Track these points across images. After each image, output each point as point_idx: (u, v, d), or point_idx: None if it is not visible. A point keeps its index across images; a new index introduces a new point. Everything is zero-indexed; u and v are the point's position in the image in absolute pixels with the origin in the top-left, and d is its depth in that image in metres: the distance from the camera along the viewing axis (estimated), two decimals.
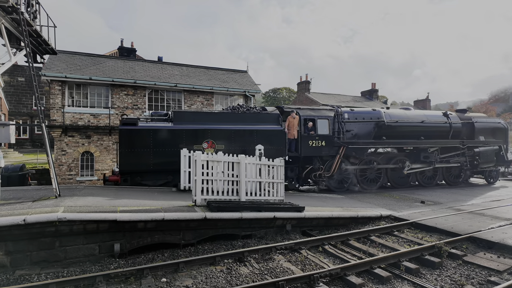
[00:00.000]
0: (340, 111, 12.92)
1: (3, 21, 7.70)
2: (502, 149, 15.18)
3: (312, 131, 12.23)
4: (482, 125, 15.21)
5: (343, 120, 12.78)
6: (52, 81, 15.48)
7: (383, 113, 13.38)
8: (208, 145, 10.94)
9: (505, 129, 15.67)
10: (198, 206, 7.54)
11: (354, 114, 13.22)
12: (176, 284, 5.03)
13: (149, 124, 10.81)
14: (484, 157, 14.42)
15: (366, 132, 13.10)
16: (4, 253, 5.51)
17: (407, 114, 14.07)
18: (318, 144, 12.27)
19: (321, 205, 9.14)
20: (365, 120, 13.16)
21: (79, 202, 6.84)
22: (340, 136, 12.50)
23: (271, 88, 54.45)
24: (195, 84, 18.86)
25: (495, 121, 16.05)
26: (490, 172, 15.45)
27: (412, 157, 13.78)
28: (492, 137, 15.27)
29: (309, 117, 12.37)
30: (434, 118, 14.44)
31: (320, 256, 6.24)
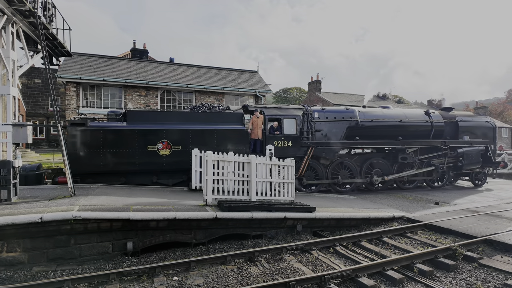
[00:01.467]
0: (309, 110, 12.25)
1: (21, 25, 7.93)
2: (489, 150, 14.26)
3: (278, 131, 11.68)
4: (467, 124, 14.33)
5: (313, 119, 12.11)
6: (67, 83, 15.86)
7: (357, 112, 12.76)
8: (163, 146, 10.43)
9: (492, 128, 14.73)
10: (209, 205, 7.59)
11: (325, 113, 12.55)
12: (188, 283, 5.08)
13: (99, 124, 10.34)
14: (468, 158, 13.55)
15: (337, 132, 12.42)
16: (22, 250, 5.68)
17: (384, 113, 13.36)
18: (284, 145, 11.64)
19: (332, 205, 9.07)
20: (336, 119, 12.47)
21: (93, 201, 6.99)
22: (309, 136, 11.87)
23: (282, 88, 54.38)
24: (206, 85, 19.01)
25: (482, 119, 14.97)
26: (476, 174, 14.53)
27: (391, 158, 13.18)
28: (479, 137, 14.40)
29: (274, 116, 11.77)
30: (414, 117, 13.63)
31: (331, 257, 6.20)
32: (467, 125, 14.32)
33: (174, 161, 10.50)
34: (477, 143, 14.12)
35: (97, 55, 18.94)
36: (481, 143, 14.16)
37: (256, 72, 23.23)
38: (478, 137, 14.40)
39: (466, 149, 13.65)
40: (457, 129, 14.12)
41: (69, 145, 9.60)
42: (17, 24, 7.79)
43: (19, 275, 5.46)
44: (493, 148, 14.44)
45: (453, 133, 14.20)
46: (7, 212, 5.92)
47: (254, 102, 20.11)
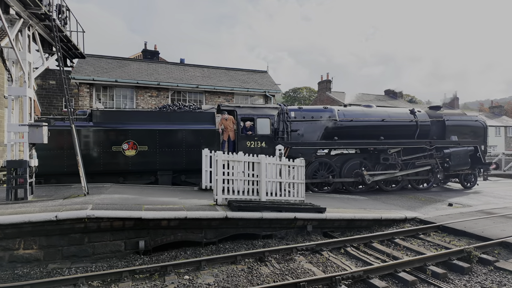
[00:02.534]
0: (285, 109, 11.91)
1: (36, 28, 8.14)
2: (479, 150, 13.48)
3: (251, 131, 11.40)
4: (454, 123, 13.66)
5: (289, 119, 11.76)
6: (81, 84, 16.19)
7: (336, 111, 12.33)
8: (129, 146, 10.29)
9: (483, 127, 14.02)
10: (219, 205, 7.64)
11: (302, 112, 12.17)
12: (198, 281, 5.12)
13: (62, 124, 10.14)
14: (455, 159, 12.86)
15: (315, 132, 12.05)
16: (38, 247, 5.83)
17: (366, 112, 12.89)
18: (257, 145, 11.34)
19: (343, 206, 9.00)
20: (314, 119, 12.08)
21: (106, 200, 7.11)
22: (284, 137, 11.52)
23: (291, 88, 54.19)
24: (216, 85, 19.11)
25: (471, 118, 14.29)
26: (466, 176, 13.77)
27: (373, 159, 12.69)
28: (468, 136, 13.72)
29: (247, 116, 11.46)
30: (397, 116, 13.10)
31: (342, 258, 6.15)
32: (455, 124, 13.66)
33: (141, 162, 10.33)
34: (465, 143, 13.40)
35: (109, 56, 19.27)
36: (469, 143, 13.46)
37: (265, 72, 23.23)
38: (467, 137, 13.73)
39: (453, 150, 13.00)
40: (444, 129, 13.49)
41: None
42: (33, 27, 8.00)
43: (35, 271, 5.60)
44: (483, 148, 13.73)
45: (440, 132, 13.57)
46: (24, 210, 6.09)
47: (264, 102, 20.12)
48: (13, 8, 6.97)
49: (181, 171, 11.09)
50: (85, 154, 9.74)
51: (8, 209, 6.19)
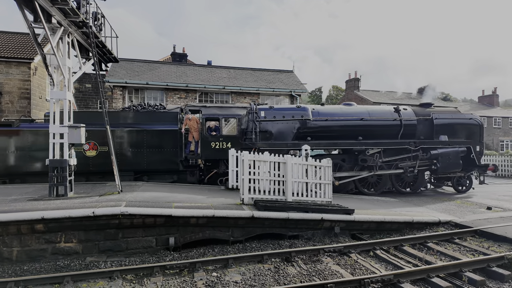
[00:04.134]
0: (255, 108, 11.38)
1: (75, 35, 8.66)
2: (472, 151, 12.32)
3: (216, 132, 11.12)
4: (444, 121, 12.53)
5: (259, 119, 11.27)
6: (114, 87, 17.00)
7: (310, 111, 11.71)
8: (90, 147, 10.29)
9: (478, 126, 12.79)
10: (245, 204, 7.72)
11: (273, 112, 11.60)
12: (226, 279, 5.22)
13: (26, 125, 10.34)
14: (444, 160, 11.81)
15: (286, 132, 11.52)
16: (77, 241, 6.21)
17: (344, 111, 12.14)
18: (222, 146, 11.03)
19: (372, 208, 8.77)
20: (285, 118, 11.49)
21: (139, 198, 7.42)
22: (252, 137, 11.06)
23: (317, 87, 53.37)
24: (242, 86, 19.29)
25: (465, 117, 13.07)
26: (459, 179, 12.64)
27: (352, 160, 11.90)
28: (461, 136, 12.57)
29: (211, 116, 11.15)
30: (379, 115, 12.21)
31: (371, 261, 6.00)
32: (445, 123, 12.52)
33: (101, 163, 10.22)
34: (456, 143, 12.24)
35: (140, 60, 20.06)
36: (461, 143, 12.30)
37: (291, 71, 23.11)
38: (459, 136, 12.57)
39: (441, 151, 11.93)
40: (432, 128, 12.41)
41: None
42: (72, 34, 8.52)
43: (75, 263, 5.97)
44: (478, 149, 12.53)
45: (428, 132, 12.51)
46: (64, 206, 6.51)
47: (290, 102, 20.03)
48: (55, 17, 7.48)
49: (143, 171, 11.02)
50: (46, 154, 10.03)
51: (50, 204, 6.65)
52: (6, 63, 16.56)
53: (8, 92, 16.59)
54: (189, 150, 11.11)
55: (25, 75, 16.79)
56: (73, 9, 7.64)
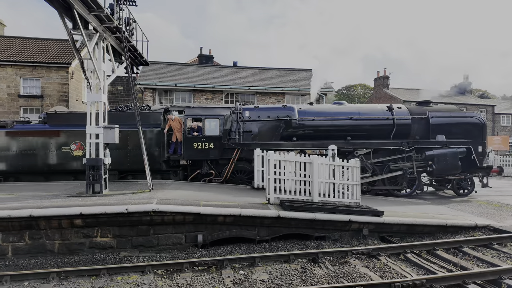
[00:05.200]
0: (239, 108, 11.28)
1: (109, 40, 9.11)
2: (473, 152, 11.45)
3: (198, 132, 10.99)
4: (441, 120, 11.73)
5: (243, 119, 11.11)
6: (145, 89, 17.67)
7: (295, 110, 11.38)
8: (77, 147, 10.52)
9: (480, 125, 11.86)
10: (271, 204, 7.75)
11: (258, 112, 11.40)
12: (253, 277, 5.28)
13: (17, 126, 10.79)
14: (441, 162, 11.11)
15: (271, 133, 11.30)
16: (112, 236, 6.54)
17: (333, 110, 11.74)
18: (205, 147, 10.87)
19: (402, 210, 8.50)
20: (270, 118, 11.27)
21: (169, 196, 7.68)
22: (235, 138, 10.94)
23: (344, 86, 52.26)
24: (267, 86, 19.35)
25: (465, 115, 12.29)
26: (459, 181, 11.84)
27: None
28: (461, 136, 11.71)
29: (194, 117, 11.07)
30: (369, 114, 11.70)
31: (401, 265, 5.83)
32: (442, 122, 11.74)
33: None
34: (455, 144, 11.46)
35: (169, 62, 20.70)
36: (459, 144, 11.49)
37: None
38: (459, 136, 11.72)
39: (437, 151, 11.24)
40: (428, 127, 11.69)
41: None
42: (106, 40, 8.97)
43: (110, 257, 6.30)
44: (480, 149, 11.63)
45: (424, 131, 11.80)
46: (100, 202, 6.87)
47: (315, 101, 19.81)
48: (91, 24, 7.91)
49: (127, 171, 11.21)
50: (36, 154, 10.46)
51: (88, 201, 7.05)
52: (47, 68, 17.73)
53: (49, 95, 17.75)
54: (172, 151, 11.21)
55: (63, 79, 17.89)
56: (108, 16, 8.05)
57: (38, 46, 19.38)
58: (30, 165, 10.56)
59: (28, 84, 17.79)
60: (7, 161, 10.52)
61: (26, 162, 10.53)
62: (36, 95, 17.66)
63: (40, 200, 7.15)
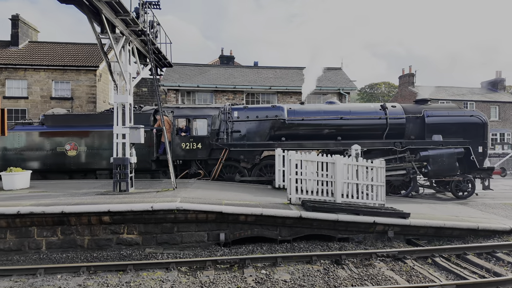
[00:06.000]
0: (228, 109, 11.27)
1: (135, 43, 9.39)
2: (471, 152, 10.91)
3: (186, 133, 11.05)
4: (438, 120, 11.25)
5: (232, 119, 11.10)
6: (168, 90, 18.07)
7: (285, 110, 11.27)
8: (71, 147, 10.83)
9: (479, 124, 11.23)
10: (293, 204, 7.71)
11: (247, 112, 11.39)
12: (275, 277, 5.27)
13: (18, 127, 11.19)
14: (436, 162, 10.66)
15: (260, 132, 11.25)
16: (138, 233, 6.74)
17: (323, 110, 11.50)
18: (193, 147, 10.97)
19: (430, 212, 8.19)
20: (259, 118, 11.22)
21: (192, 194, 7.82)
22: (223, 138, 10.98)
23: (368, 84, 51.02)
24: (288, 85, 19.24)
25: (464, 114, 11.62)
26: (458, 183, 11.17)
27: None
28: (459, 135, 11.18)
29: (182, 117, 11.19)
30: (360, 114, 11.41)
31: (429, 269, 5.62)
32: (439, 121, 11.27)
33: (81, 162, 10.91)
34: (451, 144, 10.95)
35: (191, 64, 21.06)
36: (457, 144, 10.98)
37: (339, 68, 22.47)
38: (457, 135, 11.20)
39: (433, 152, 10.77)
40: (424, 126, 11.24)
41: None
42: (132, 43, 9.25)
43: (136, 254, 6.50)
44: (481, 150, 11.06)
45: (419, 131, 11.36)
46: (127, 200, 7.10)
47: (338, 100, 19.48)
48: (118, 27, 8.19)
49: None
50: (34, 154, 10.81)
51: (115, 199, 7.31)
52: (77, 71, 18.54)
53: (78, 97, 18.55)
54: (162, 151, 11.33)
55: (91, 82, 18.64)
56: (133, 19, 8.30)
57: (68, 50, 20.30)
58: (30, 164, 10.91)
59: (59, 87, 18.67)
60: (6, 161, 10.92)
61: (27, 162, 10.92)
62: (66, 97, 18.50)
63: (70, 197, 7.49)
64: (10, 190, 8.69)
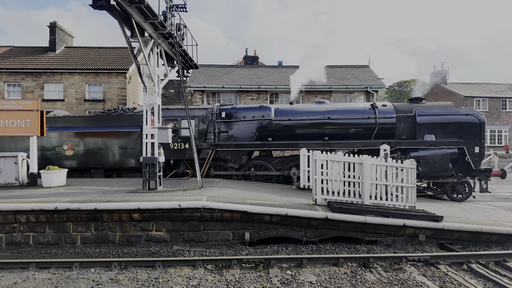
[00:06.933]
0: (216, 109, 11.40)
1: (163, 45, 9.66)
2: (466, 153, 10.34)
3: (174, 133, 11.00)
4: (430, 119, 10.78)
5: (219, 119, 11.17)
6: (194, 91, 18.43)
7: (272, 110, 11.29)
8: (68, 147, 11.20)
9: (476, 124, 10.63)
10: (318, 205, 7.59)
11: (234, 112, 11.52)
12: (301, 278, 5.22)
13: None
14: (427, 163, 10.19)
15: (247, 133, 11.32)
16: (166, 230, 6.93)
17: (311, 110, 11.40)
18: (181, 147, 11.14)
19: (464, 215, 7.77)
20: (246, 119, 11.32)
21: (217, 193, 7.92)
22: (211, 138, 11.14)
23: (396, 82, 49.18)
24: (313, 84, 18.97)
25: (459, 112, 10.97)
26: (453, 185, 10.48)
27: None
28: (454, 135, 10.65)
29: (170, 118, 11.41)
30: (349, 113, 11.18)
31: (465, 275, 5.33)
32: (431, 120, 10.79)
33: (77, 161, 11.38)
34: (444, 144, 10.45)
35: (217, 65, 21.35)
36: (450, 144, 10.45)
37: (367, 66, 21.88)
38: (451, 135, 10.68)
39: (424, 152, 10.31)
40: (415, 126, 10.79)
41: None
42: (160, 45, 9.52)
43: (164, 250, 6.67)
44: (477, 150, 10.48)
45: (410, 131, 10.93)
46: (155, 198, 7.32)
47: (365, 98, 18.98)
48: (147, 31, 8.45)
49: (111, 169, 11.87)
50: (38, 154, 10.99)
51: (144, 197, 7.56)
52: (108, 74, 19.38)
53: (109, 99, 19.38)
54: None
55: (121, 84, 19.41)
56: (161, 22, 8.53)
57: (100, 54, 21.27)
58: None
59: (92, 90, 19.61)
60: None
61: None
62: (99, 99, 19.40)
63: (103, 194, 7.84)
64: (48, 187, 9.23)
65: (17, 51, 21.28)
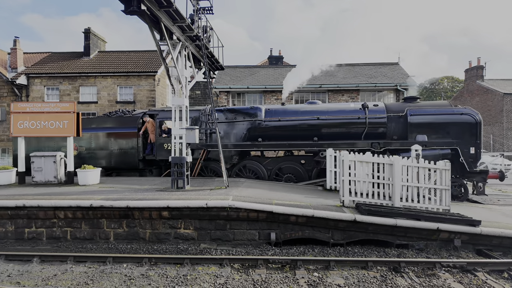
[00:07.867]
0: (208, 110, 11.65)
1: (190, 48, 9.88)
2: (460, 154, 9.87)
3: (168, 134, 11.38)
4: (422, 119, 10.46)
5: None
6: (220, 92, 18.68)
7: (262, 111, 11.44)
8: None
9: (472, 124, 10.16)
10: (346, 207, 7.43)
11: (226, 113, 11.87)
12: (328, 281, 5.13)
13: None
14: None
15: (237, 133, 11.59)
16: (194, 228, 7.08)
17: (302, 110, 11.45)
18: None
19: (505, 220, 7.29)
20: (237, 119, 11.60)
21: (243, 193, 7.98)
22: (203, 139, 11.48)
23: (428, 79, 47.01)
24: (339, 83, 18.63)
25: (453, 112, 10.48)
26: None
27: (311, 162, 11.24)
28: (448, 135, 10.25)
29: (164, 119, 11.65)
30: (340, 113, 11.12)
31: (505, 284, 5.00)
32: (423, 120, 10.47)
33: (80, 161, 11.43)
34: (436, 144, 10.08)
35: (241, 66, 21.51)
36: (442, 144, 10.05)
37: (396, 63, 21.13)
38: (445, 135, 10.28)
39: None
40: (406, 126, 10.48)
41: None
42: (188, 48, 9.74)
43: (191, 248, 6.82)
44: (473, 151, 10.03)
45: (402, 131, 10.65)
46: (183, 197, 7.50)
47: (395, 97, 18.34)
48: (175, 34, 8.69)
49: (111, 169, 12.28)
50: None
51: (173, 195, 7.77)
52: (138, 77, 20.11)
53: (139, 100, 20.09)
54: (149, 151, 12.04)
55: (151, 86, 20.06)
56: (189, 25, 8.73)
57: (131, 58, 22.11)
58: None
59: (123, 92, 20.42)
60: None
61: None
62: (129, 101, 20.16)
63: (134, 193, 8.14)
64: (84, 185, 9.73)
65: (55, 57, 22.61)
